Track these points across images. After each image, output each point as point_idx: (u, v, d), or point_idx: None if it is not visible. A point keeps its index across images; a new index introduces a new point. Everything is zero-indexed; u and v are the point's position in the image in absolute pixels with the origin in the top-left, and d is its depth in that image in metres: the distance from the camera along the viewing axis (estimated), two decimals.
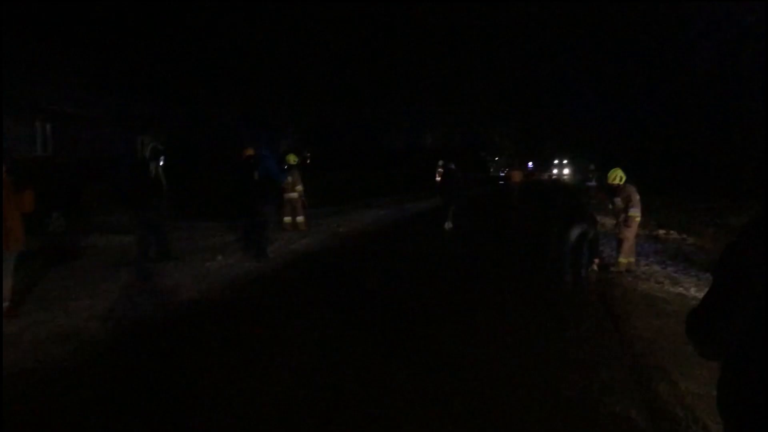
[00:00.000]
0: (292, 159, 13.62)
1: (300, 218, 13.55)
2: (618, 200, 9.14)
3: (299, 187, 13.48)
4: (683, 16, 20.30)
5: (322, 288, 7.89)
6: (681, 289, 8.08)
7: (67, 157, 19.94)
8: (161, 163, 9.36)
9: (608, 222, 13.23)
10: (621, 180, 9.16)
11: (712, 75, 21.82)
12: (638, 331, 5.99)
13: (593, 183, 24.53)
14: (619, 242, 9.36)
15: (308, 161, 38.79)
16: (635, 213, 9.01)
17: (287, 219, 13.51)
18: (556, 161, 73.59)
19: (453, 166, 15.44)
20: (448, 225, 14.54)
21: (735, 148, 21.02)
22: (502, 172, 45.37)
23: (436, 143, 53.05)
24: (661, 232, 14.55)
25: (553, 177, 67.10)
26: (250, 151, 10.60)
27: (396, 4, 37.52)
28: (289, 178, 13.33)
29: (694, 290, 7.89)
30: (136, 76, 24.31)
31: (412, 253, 11.20)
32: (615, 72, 31.46)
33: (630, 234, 9.15)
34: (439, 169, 28.85)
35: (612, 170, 9.32)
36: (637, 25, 28.01)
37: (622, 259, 9.23)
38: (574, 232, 8.93)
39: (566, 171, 71.56)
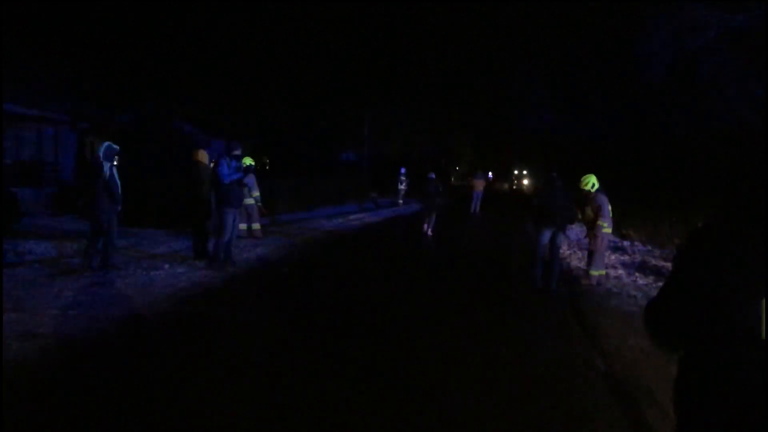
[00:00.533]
0: (248, 162, 12.99)
1: (256, 225, 12.94)
2: (588, 209, 8.83)
3: (256, 193, 12.89)
4: (640, 28, 20.33)
5: (274, 302, 7.35)
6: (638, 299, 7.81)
7: (8, 158, 18.90)
8: (115, 164, 8.71)
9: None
10: (593, 187, 8.85)
11: (670, 85, 21.97)
12: (618, 350, 5.63)
13: None
14: (589, 253, 9.06)
15: (267, 167, 38.01)
16: (605, 224, 8.73)
17: (242, 226, 12.88)
18: (516, 171, 74.14)
19: (433, 176, 16.26)
20: (427, 230, 15.15)
21: (690, 159, 21.17)
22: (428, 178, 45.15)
23: (396, 151, 52.71)
24: (626, 243, 14.41)
25: (513, 187, 67.49)
26: (200, 155, 10.00)
27: (358, 11, 37.20)
28: (246, 183, 12.74)
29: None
30: (85, 76, 23.31)
31: (376, 264, 10.74)
32: (573, 82, 31.60)
33: (600, 245, 8.86)
34: (401, 178, 28.72)
35: (585, 176, 8.98)
36: (594, 35, 28.17)
37: (593, 272, 8.92)
38: (545, 236, 8.62)
39: (525, 181, 72.29)
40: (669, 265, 10.96)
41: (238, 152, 9.59)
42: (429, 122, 53.09)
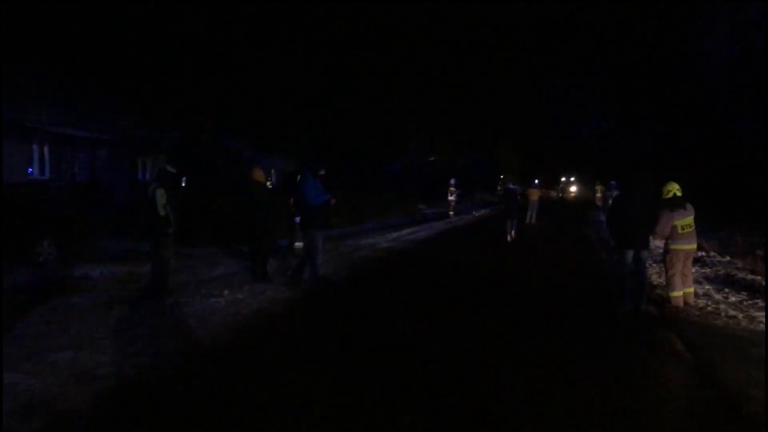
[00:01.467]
0: None
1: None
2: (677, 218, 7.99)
3: None
4: (693, 32, 19.32)
5: (342, 333, 6.78)
6: (762, 325, 6.98)
7: (63, 180, 18.97)
8: (166, 186, 8.36)
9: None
10: (675, 195, 8.06)
11: (724, 89, 20.89)
12: (739, 387, 4.90)
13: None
14: (666, 271, 8.27)
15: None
16: (676, 242, 7.94)
17: (299, 245, 12.45)
18: (563, 179, 72.56)
19: (513, 186, 17.78)
20: (510, 236, 17.02)
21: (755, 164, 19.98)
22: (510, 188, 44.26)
23: (442, 162, 52.04)
24: (701, 253, 13.47)
25: (561, 195, 65.91)
26: (256, 174, 9.59)
27: (403, 22, 36.89)
28: None
29: None
30: (136, 97, 23.43)
31: (449, 286, 10.13)
32: (629, 86, 30.52)
33: (674, 264, 8.03)
34: (452, 189, 28.05)
35: (668, 183, 8.19)
36: (646, 42, 27.20)
37: (676, 293, 8.06)
38: (629, 255, 7.90)
39: (572, 188, 70.66)
40: (757, 278, 10.09)
41: (323, 172, 9.23)
42: (473, 132, 52.40)
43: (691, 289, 8.21)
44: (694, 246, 8.12)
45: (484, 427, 4.11)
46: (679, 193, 8.00)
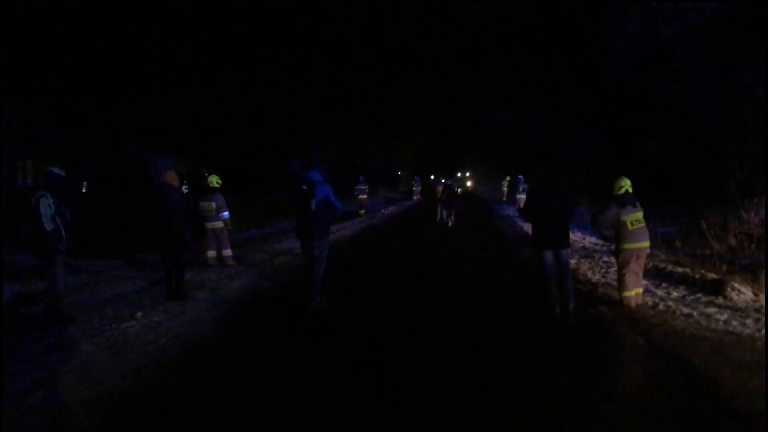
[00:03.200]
0: (215, 181, 11.47)
1: (227, 252, 11.40)
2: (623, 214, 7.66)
3: (225, 214, 11.35)
4: (608, 21, 19.62)
5: (277, 360, 5.87)
6: (720, 324, 6.73)
7: None
8: (55, 194, 7.12)
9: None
10: (620, 192, 7.75)
11: (632, 86, 21.50)
12: (738, 401, 4.50)
13: (522, 195, 23.70)
14: (618, 272, 7.95)
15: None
16: (625, 242, 7.65)
17: (211, 253, 11.32)
18: (458, 174, 73.96)
19: (449, 182, 19.67)
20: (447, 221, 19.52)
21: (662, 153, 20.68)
22: (415, 186, 44.27)
23: (344, 159, 51.21)
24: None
25: (459, 189, 67.08)
26: (170, 177, 8.47)
27: (299, 21, 35.77)
28: (213, 204, 11.22)
29: (744, 324, 6.58)
30: (19, 90, 20.97)
31: (380, 287, 9.38)
32: (534, 79, 31.04)
33: (627, 263, 7.73)
34: (360, 187, 27.38)
35: (619, 178, 7.85)
36: (545, 35, 27.65)
37: (628, 292, 7.71)
38: (548, 255, 7.50)
39: (468, 183, 72.39)
40: (686, 270, 10.07)
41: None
42: (375, 128, 51.99)
43: (641, 289, 7.92)
44: (647, 244, 7.82)
45: None
46: (630, 190, 7.68)
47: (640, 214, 7.64)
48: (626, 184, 7.67)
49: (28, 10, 19.90)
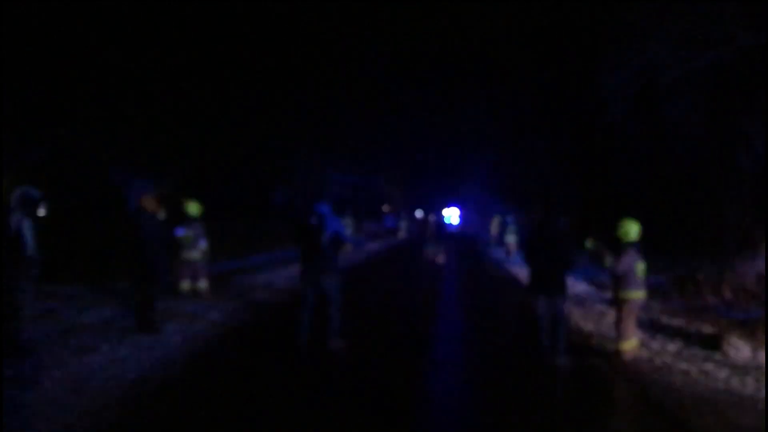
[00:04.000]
0: (195, 209, 11.04)
1: (203, 284, 10.90)
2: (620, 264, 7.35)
3: (203, 244, 10.90)
4: (601, 66, 19.64)
5: (254, 406, 5.43)
6: (720, 383, 6.40)
7: None
8: (37, 215, 6.67)
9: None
10: (633, 238, 7.44)
11: (625, 128, 21.54)
12: None
13: (511, 236, 23.46)
14: (617, 322, 7.62)
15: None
16: (631, 291, 7.34)
17: (186, 284, 10.82)
18: (444, 211, 73.88)
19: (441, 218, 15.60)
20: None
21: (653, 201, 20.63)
22: (394, 221, 44.10)
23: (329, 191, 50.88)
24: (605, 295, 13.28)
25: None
26: (147, 202, 8.04)
27: (283, 51, 35.71)
28: (190, 233, 10.76)
29: (744, 383, 6.27)
30: None
31: (365, 330, 8.90)
32: (523, 121, 31.18)
33: (627, 314, 7.41)
34: (346, 220, 26.98)
35: (624, 221, 7.55)
36: (541, 75, 27.76)
37: (628, 344, 7.38)
38: (542, 301, 7.17)
39: (455, 221, 72.26)
40: (681, 322, 9.83)
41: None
42: (359, 162, 51.86)
43: (638, 341, 7.60)
44: (645, 294, 7.54)
45: None
46: (636, 236, 7.42)
47: (644, 264, 7.38)
48: (637, 229, 7.40)
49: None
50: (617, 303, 7.64)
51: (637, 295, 7.29)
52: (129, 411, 4.96)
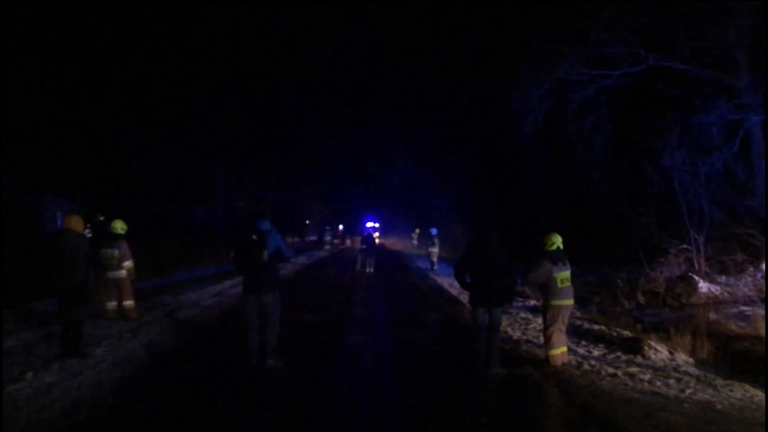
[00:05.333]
0: (120, 227, 10.70)
1: (129, 303, 10.54)
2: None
3: (128, 263, 10.56)
4: (513, 85, 20.34)
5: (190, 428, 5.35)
6: (645, 384, 6.78)
7: None
8: None
9: None
10: (550, 249, 7.79)
11: (538, 143, 22.37)
12: None
13: (434, 249, 23.87)
14: (545, 330, 7.92)
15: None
16: (553, 299, 7.69)
17: (111, 305, 10.44)
18: (368, 224, 74.15)
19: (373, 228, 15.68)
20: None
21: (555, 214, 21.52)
22: (316, 236, 44.06)
23: (245, 208, 50.09)
24: (534, 302, 13.75)
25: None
26: (73, 222, 7.74)
27: (189, 59, 35.13)
28: (116, 251, 10.41)
29: (668, 385, 6.66)
30: None
31: (299, 344, 8.83)
32: (436, 137, 31.83)
33: (555, 321, 7.73)
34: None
35: (549, 235, 7.86)
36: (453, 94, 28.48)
37: (555, 351, 7.66)
38: (480, 313, 7.41)
39: (376, 234, 72.42)
40: (602, 327, 10.32)
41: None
42: (279, 176, 51.49)
43: (566, 347, 7.92)
44: (572, 302, 7.87)
45: None
46: (561, 246, 7.76)
47: (568, 273, 7.69)
48: (558, 241, 7.73)
49: None
50: (543, 311, 7.99)
51: (561, 302, 7.61)
52: None
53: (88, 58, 29.09)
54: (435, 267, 23.58)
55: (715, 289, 12.96)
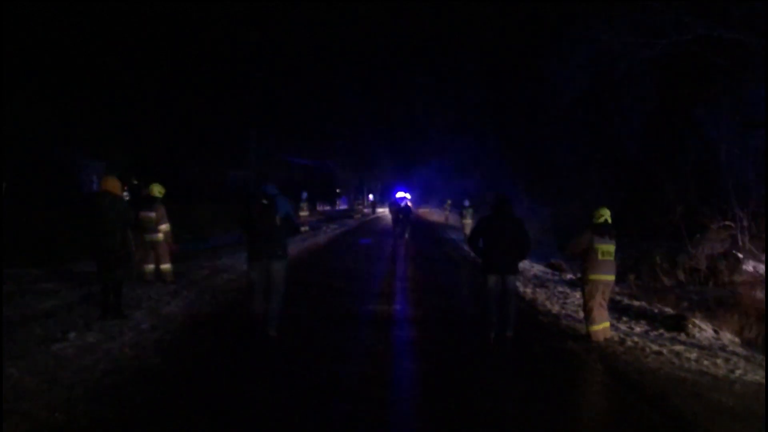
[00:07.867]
0: (158, 190, 10.72)
1: (166, 266, 10.61)
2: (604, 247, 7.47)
3: (165, 226, 10.59)
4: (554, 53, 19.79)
5: (228, 390, 5.30)
6: (692, 363, 6.59)
7: None
8: None
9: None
10: (606, 222, 7.58)
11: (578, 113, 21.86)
12: None
13: (468, 220, 23.67)
14: (584, 302, 7.74)
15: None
16: (593, 272, 7.49)
17: (149, 268, 10.53)
18: (397, 194, 73.90)
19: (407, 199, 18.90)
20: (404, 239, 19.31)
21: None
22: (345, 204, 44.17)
23: (282, 174, 50.31)
24: (570, 276, 13.51)
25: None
26: (110, 184, 7.71)
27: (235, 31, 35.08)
28: (152, 214, 10.45)
29: (716, 365, 6.46)
30: None
31: (340, 314, 8.80)
32: (473, 103, 31.36)
33: (594, 297, 7.53)
34: (302, 204, 26.73)
35: (599, 208, 7.66)
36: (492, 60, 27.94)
37: (595, 327, 7.48)
38: (491, 280, 7.27)
39: (408, 204, 72.10)
40: (642, 304, 10.08)
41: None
42: (312, 146, 51.57)
43: (608, 323, 7.73)
44: (613, 278, 7.66)
45: None
46: (609, 220, 7.54)
47: (612, 247, 7.49)
48: (606, 214, 7.53)
49: None
50: (581, 284, 7.80)
51: (599, 277, 7.40)
52: (103, 403, 4.77)
53: (126, 20, 29.17)
54: None
55: (761, 268, 12.56)
